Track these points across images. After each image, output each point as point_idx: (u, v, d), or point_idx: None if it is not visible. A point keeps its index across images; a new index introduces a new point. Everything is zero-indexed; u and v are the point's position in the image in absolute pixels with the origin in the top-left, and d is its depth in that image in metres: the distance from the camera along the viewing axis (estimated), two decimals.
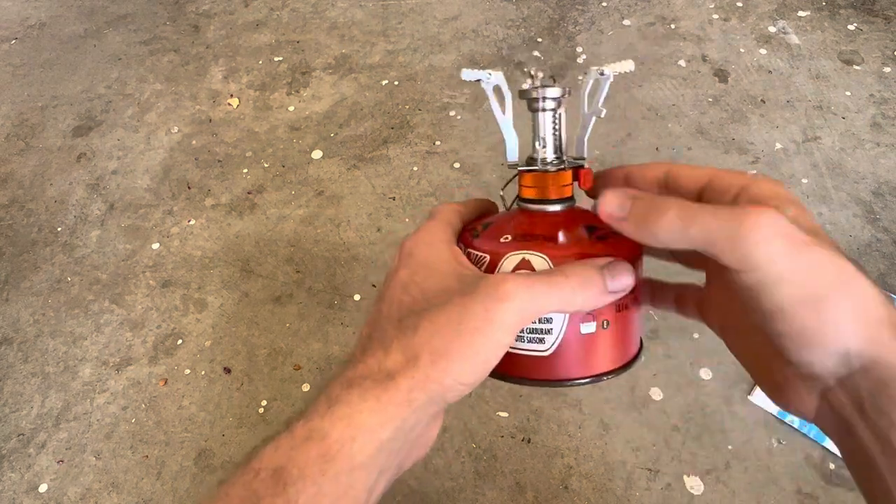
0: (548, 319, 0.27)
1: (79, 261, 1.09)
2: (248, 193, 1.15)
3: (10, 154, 1.29)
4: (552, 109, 0.30)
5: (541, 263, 0.27)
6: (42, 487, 0.85)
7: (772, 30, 1.25)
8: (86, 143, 1.28)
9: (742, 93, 1.16)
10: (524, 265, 0.27)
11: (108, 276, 1.06)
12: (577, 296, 0.25)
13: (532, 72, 0.31)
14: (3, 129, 1.34)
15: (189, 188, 1.17)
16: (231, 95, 1.33)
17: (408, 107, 1.24)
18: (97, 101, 1.36)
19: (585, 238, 0.28)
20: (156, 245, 1.10)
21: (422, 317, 0.24)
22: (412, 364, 0.23)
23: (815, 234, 0.22)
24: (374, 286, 0.99)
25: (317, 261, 1.04)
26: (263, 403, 0.89)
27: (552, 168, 0.30)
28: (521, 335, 0.27)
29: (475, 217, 0.32)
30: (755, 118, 1.12)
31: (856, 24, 1.23)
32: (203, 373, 0.93)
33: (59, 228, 1.15)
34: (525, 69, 0.32)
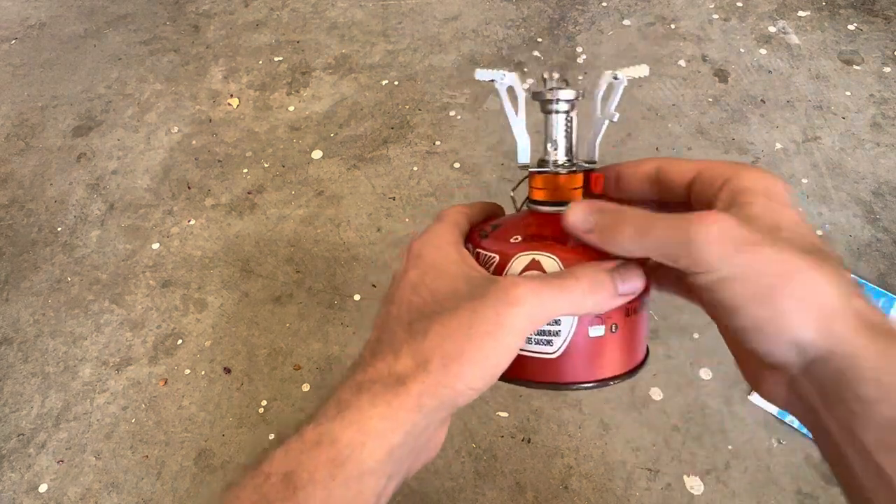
0: (556, 321, 0.27)
1: (79, 261, 1.09)
2: (248, 193, 1.15)
3: (10, 154, 1.29)
4: (565, 112, 0.30)
5: (551, 264, 0.27)
6: (42, 487, 0.85)
7: (772, 30, 1.25)
8: (86, 143, 1.28)
9: (742, 93, 1.16)
10: (534, 266, 0.27)
11: (108, 276, 1.06)
12: (588, 299, 0.25)
13: (545, 74, 0.30)
14: (3, 129, 1.34)
15: (189, 188, 1.17)
16: (231, 95, 1.33)
17: (408, 107, 1.24)
18: (97, 101, 1.36)
19: None
20: (156, 245, 1.10)
21: (432, 320, 0.24)
22: (423, 369, 0.23)
23: (777, 229, 0.23)
24: (374, 286, 0.99)
25: (317, 261, 1.04)
26: (263, 403, 0.89)
27: (563, 170, 0.30)
28: (529, 337, 0.27)
29: (481, 219, 0.32)
30: (755, 118, 1.11)
31: (856, 24, 1.23)
32: (203, 373, 0.93)
33: (59, 228, 1.15)
34: (542, 72, 0.32)
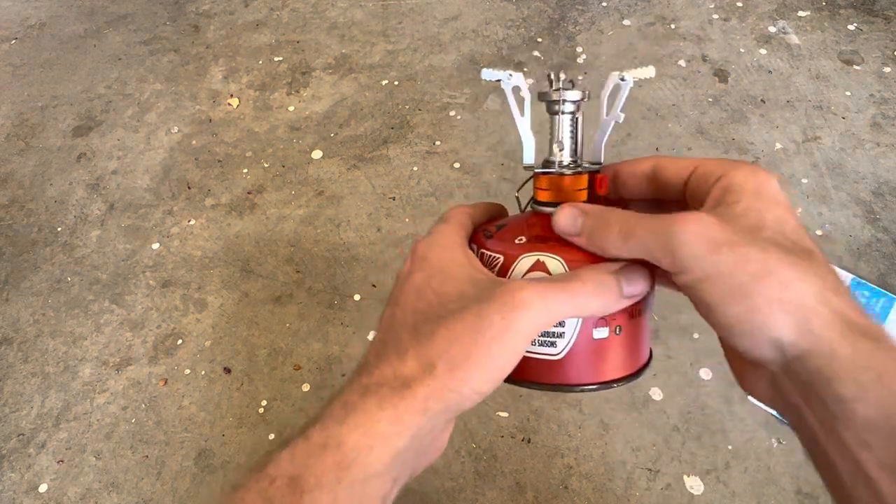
0: (560, 323, 0.27)
1: (79, 261, 1.09)
2: (248, 193, 1.15)
3: (10, 154, 1.29)
4: (571, 112, 0.30)
5: (556, 266, 0.27)
6: (42, 487, 0.85)
7: (772, 30, 1.25)
8: (86, 143, 1.28)
9: (742, 93, 1.15)
10: (539, 267, 0.27)
11: (108, 276, 1.06)
12: (593, 301, 0.25)
13: (552, 75, 0.30)
14: (3, 129, 1.34)
15: (189, 188, 1.17)
16: (231, 95, 1.33)
17: (408, 107, 1.24)
18: (97, 101, 1.36)
19: None
20: (156, 245, 1.10)
21: (438, 324, 0.24)
22: (428, 372, 0.23)
23: (758, 228, 0.23)
24: (374, 286, 0.99)
25: (317, 261, 1.04)
26: (263, 403, 0.89)
27: (568, 171, 0.30)
28: (533, 339, 0.27)
29: (485, 219, 0.32)
30: (755, 118, 1.11)
31: (856, 24, 1.23)
32: (203, 373, 0.93)
33: (59, 228, 1.15)
34: (548, 73, 0.31)
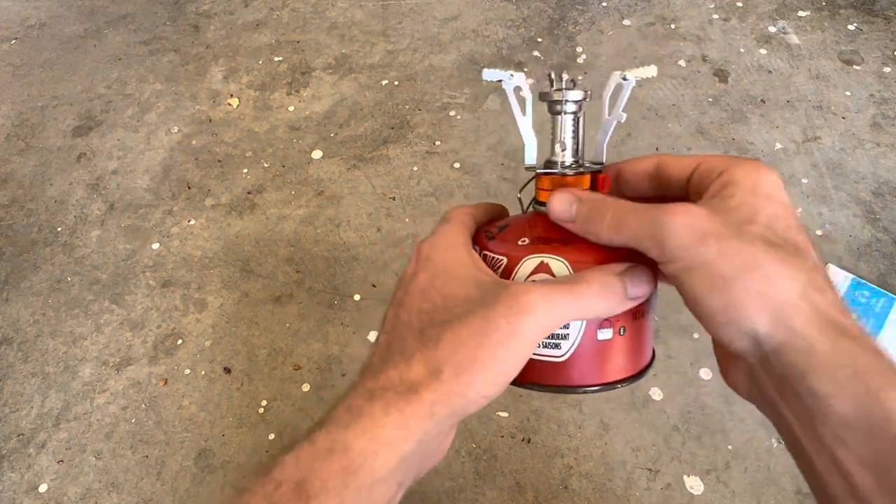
0: (565, 325, 0.27)
1: (79, 261, 1.09)
2: (248, 193, 1.15)
3: (10, 154, 1.29)
4: (573, 112, 0.30)
5: (560, 267, 0.27)
6: (42, 487, 0.85)
7: (772, 30, 1.25)
8: (86, 143, 1.28)
9: (742, 93, 1.15)
10: (543, 269, 0.27)
11: (108, 276, 1.06)
12: (599, 303, 0.25)
13: (553, 74, 0.30)
14: (3, 129, 1.34)
15: (189, 188, 1.17)
16: (231, 95, 1.33)
17: (408, 107, 1.24)
18: (97, 101, 1.36)
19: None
20: (156, 245, 1.10)
21: (444, 328, 0.24)
22: (435, 377, 0.23)
23: (749, 222, 0.23)
24: (374, 286, 0.99)
25: (317, 261, 1.04)
26: (263, 403, 0.89)
27: (570, 172, 0.30)
28: None
29: (486, 220, 0.32)
30: (755, 118, 1.11)
31: (856, 24, 1.23)
32: (203, 373, 0.93)
33: (59, 228, 1.15)
34: (550, 73, 0.31)
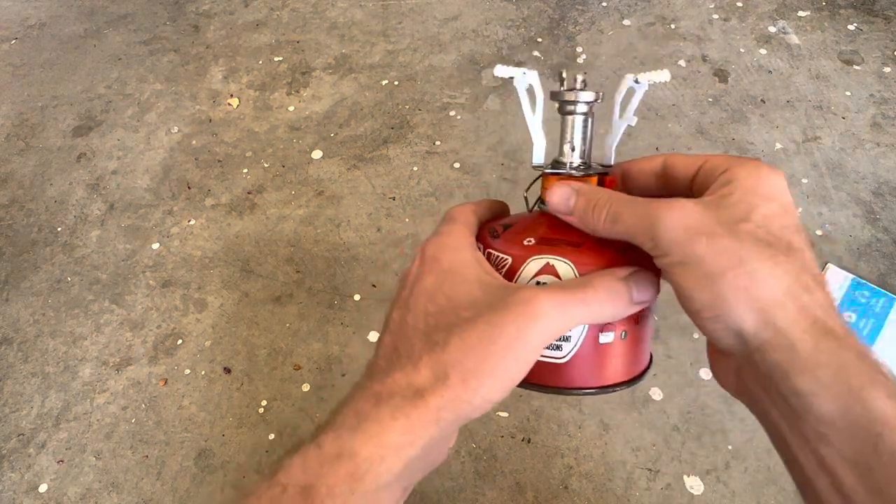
0: None
1: (79, 261, 1.09)
2: (248, 193, 1.15)
3: (10, 154, 1.29)
4: (583, 113, 0.30)
5: (566, 270, 0.26)
6: (42, 487, 0.85)
7: (772, 30, 1.25)
8: (86, 143, 1.28)
9: (742, 93, 1.15)
10: (548, 270, 0.27)
11: (108, 276, 1.06)
12: (605, 308, 0.25)
13: (565, 74, 0.30)
14: (3, 129, 1.34)
15: (189, 188, 1.17)
16: (231, 95, 1.33)
17: (408, 107, 1.24)
18: (97, 101, 1.36)
19: (609, 244, 0.27)
20: (156, 245, 1.10)
21: (451, 332, 0.24)
22: (442, 382, 0.23)
23: (743, 220, 0.23)
24: (374, 286, 0.99)
25: (317, 261, 1.04)
26: (263, 403, 0.89)
27: (578, 173, 0.30)
28: None
29: (489, 218, 0.32)
30: (755, 118, 1.11)
31: (856, 24, 1.23)
32: (203, 373, 0.93)
33: (59, 228, 1.15)
34: (561, 73, 0.31)
